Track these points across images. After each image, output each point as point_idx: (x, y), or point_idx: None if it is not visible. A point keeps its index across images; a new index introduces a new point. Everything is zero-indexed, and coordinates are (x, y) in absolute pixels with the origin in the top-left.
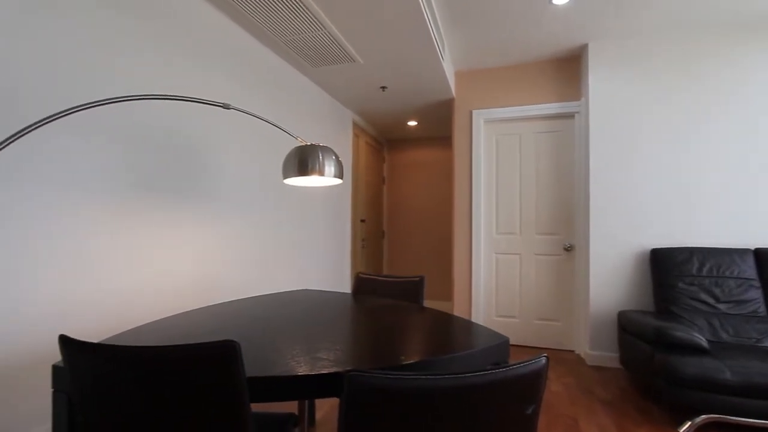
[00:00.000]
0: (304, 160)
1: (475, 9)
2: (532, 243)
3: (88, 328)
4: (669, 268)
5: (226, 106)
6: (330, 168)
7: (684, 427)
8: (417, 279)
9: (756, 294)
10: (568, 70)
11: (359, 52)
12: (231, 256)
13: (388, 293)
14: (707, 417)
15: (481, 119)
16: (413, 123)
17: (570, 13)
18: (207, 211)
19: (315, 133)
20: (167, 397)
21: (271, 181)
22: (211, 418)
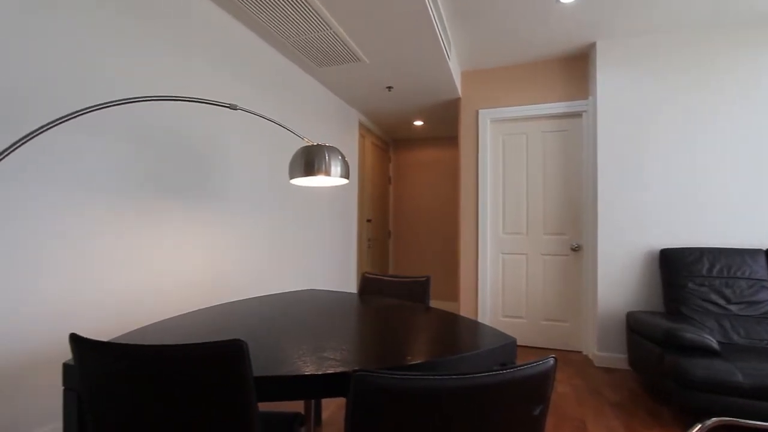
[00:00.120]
0: (311, 160)
1: (481, 8)
2: (539, 243)
3: (93, 328)
4: (679, 268)
5: (233, 107)
6: (336, 168)
7: (694, 429)
8: (423, 279)
9: None
10: (575, 68)
11: (365, 52)
12: (237, 256)
13: (394, 293)
14: (718, 420)
15: (487, 119)
16: (419, 123)
17: (577, 11)
18: (213, 210)
19: (321, 133)
20: (175, 395)
21: (277, 181)
22: (219, 417)
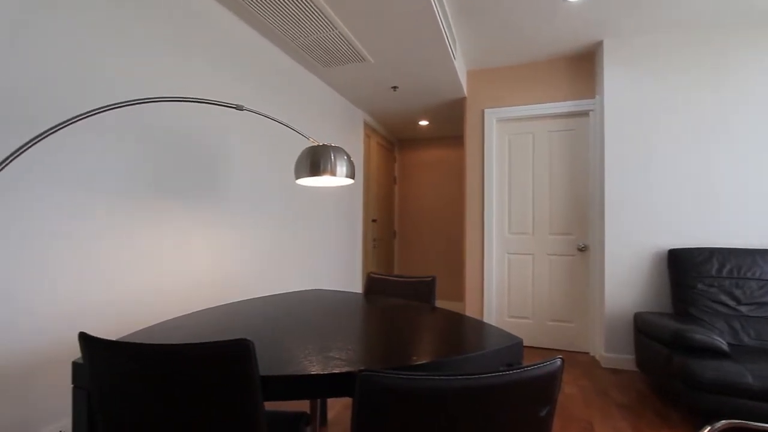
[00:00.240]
0: (316, 160)
1: (486, 6)
2: (545, 243)
3: (100, 327)
4: (687, 268)
5: (239, 108)
6: (342, 168)
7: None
8: (429, 279)
9: None
10: (582, 67)
11: (370, 52)
12: (243, 256)
13: (400, 293)
14: (727, 422)
15: (493, 118)
16: (424, 122)
17: (584, 9)
18: (218, 211)
19: (326, 133)
20: (182, 394)
21: (283, 182)
22: (225, 416)
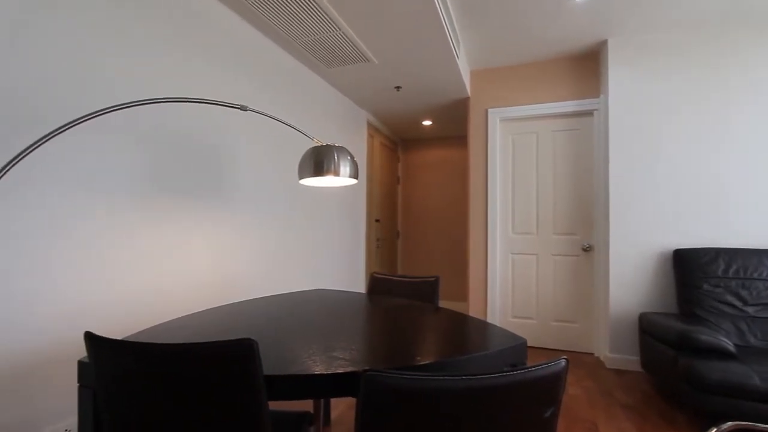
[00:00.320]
0: (320, 160)
1: (490, 6)
2: (549, 243)
3: (103, 327)
4: (693, 269)
5: (243, 108)
6: (345, 168)
7: None
8: (432, 279)
9: None
10: (586, 66)
11: (373, 52)
12: (246, 256)
13: (403, 293)
14: (734, 424)
15: (496, 118)
16: (428, 122)
17: (589, 8)
18: (221, 211)
19: (330, 133)
20: (187, 393)
21: (286, 182)
22: (230, 415)
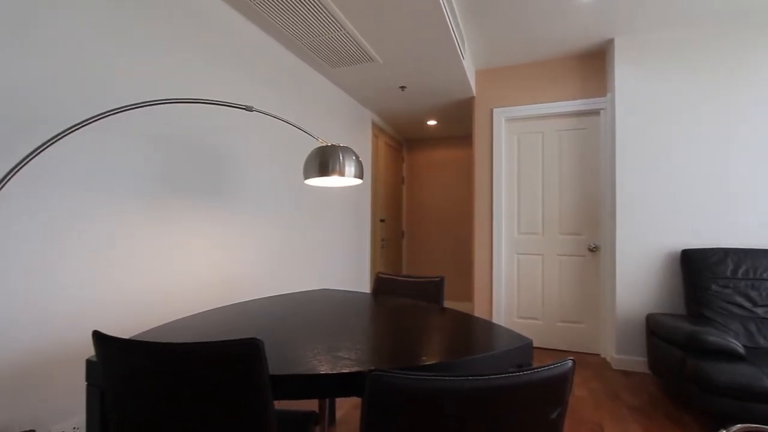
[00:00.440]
0: (325, 160)
1: (496, 6)
2: (555, 243)
3: (110, 327)
4: (701, 269)
5: (249, 109)
6: (350, 168)
7: None
8: (437, 279)
9: None
10: (592, 65)
11: (378, 52)
12: (252, 256)
13: (408, 293)
14: (743, 426)
15: (502, 117)
16: (433, 122)
17: (595, 6)
18: (226, 211)
19: (335, 133)
20: (193, 392)
21: (291, 182)
22: (236, 414)
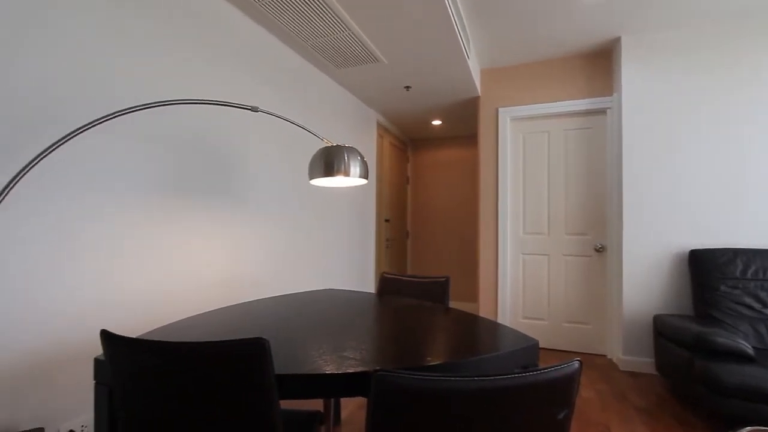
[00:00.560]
0: (330, 161)
1: (501, 5)
2: (560, 243)
3: (117, 326)
4: (710, 269)
5: (254, 109)
6: (355, 168)
7: None
8: (442, 279)
9: None
10: (599, 64)
11: (383, 53)
12: (257, 256)
13: (413, 293)
14: (752, 429)
15: (507, 117)
16: (437, 122)
17: (601, 5)
18: (232, 211)
19: (340, 133)
20: (200, 391)
21: (296, 182)
22: (242, 413)
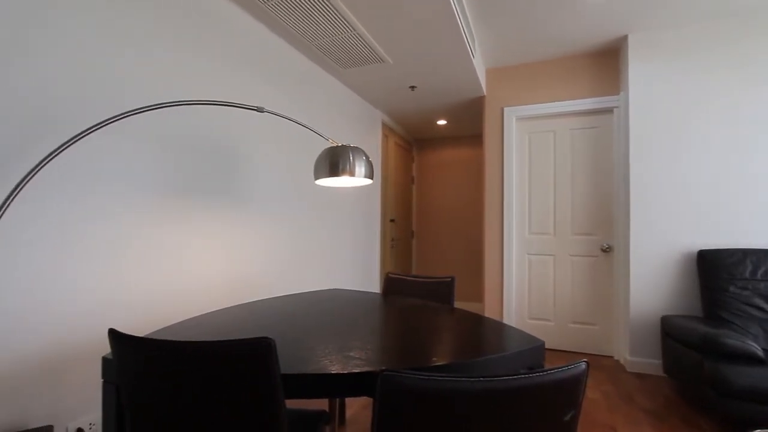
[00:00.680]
0: (336, 161)
1: (506, 3)
2: (567, 244)
3: (123, 326)
4: (718, 270)
5: (259, 110)
6: (360, 168)
7: None
8: (448, 279)
9: None
10: (605, 63)
11: (388, 53)
12: (261, 256)
13: (418, 294)
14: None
15: (513, 116)
16: (443, 122)
17: (608, 3)
18: (237, 211)
19: (345, 133)
20: (206, 390)
21: (302, 182)
22: (248, 413)
